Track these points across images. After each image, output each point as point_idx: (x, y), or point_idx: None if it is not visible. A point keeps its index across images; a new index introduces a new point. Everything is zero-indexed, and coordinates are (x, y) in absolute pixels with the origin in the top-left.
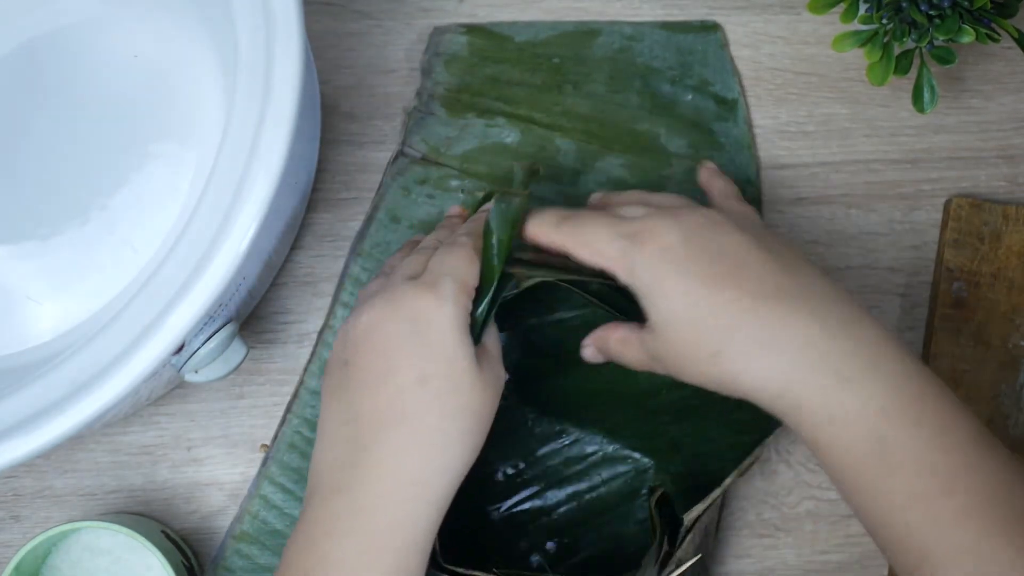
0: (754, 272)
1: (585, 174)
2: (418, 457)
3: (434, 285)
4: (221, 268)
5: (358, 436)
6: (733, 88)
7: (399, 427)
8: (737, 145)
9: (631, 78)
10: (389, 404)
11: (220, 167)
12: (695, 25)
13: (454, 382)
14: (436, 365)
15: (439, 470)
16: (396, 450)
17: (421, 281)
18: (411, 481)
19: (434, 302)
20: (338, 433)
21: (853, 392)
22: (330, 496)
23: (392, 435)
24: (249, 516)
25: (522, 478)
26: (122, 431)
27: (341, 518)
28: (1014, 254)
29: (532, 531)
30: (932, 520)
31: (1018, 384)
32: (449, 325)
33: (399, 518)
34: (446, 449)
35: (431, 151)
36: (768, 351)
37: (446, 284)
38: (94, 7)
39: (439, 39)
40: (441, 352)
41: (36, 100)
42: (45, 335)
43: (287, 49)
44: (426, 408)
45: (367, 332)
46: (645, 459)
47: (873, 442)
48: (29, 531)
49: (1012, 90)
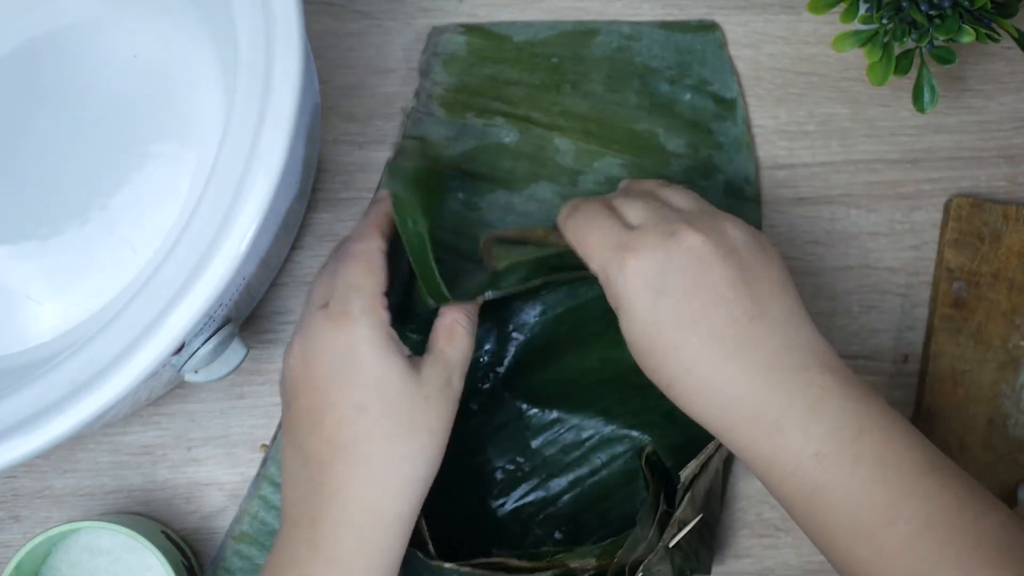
0: (722, 316)
1: (584, 174)
2: (368, 483)
3: (343, 314)
4: (221, 268)
5: (310, 472)
6: (732, 87)
7: (344, 457)
8: (736, 144)
9: (629, 78)
10: (331, 438)
11: (220, 167)
12: (693, 24)
13: (391, 403)
14: (369, 391)
15: (392, 492)
16: (346, 479)
17: (330, 311)
18: (365, 508)
19: (347, 328)
20: (296, 472)
21: (789, 440)
22: (291, 530)
23: (339, 466)
24: (248, 517)
25: (522, 472)
26: (122, 431)
27: (302, 549)
28: (1014, 254)
29: (539, 523)
30: (876, 552)
31: (1018, 384)
32: (368, 349)
33: (360, 541)
34: (397, 470)
35: (430, 151)
36: (716, 396)
37: (353, 308)
38: (94, 7)
39: (437, 39)
40: (370, 377)
41: (36, 100)
42: (45, 335)
43: (287, 49)
44: (367, 435)
45: (299, 373)
46: (642, 436)
47: (811, 485)
48: (29, 531)
49: (1012, 90)
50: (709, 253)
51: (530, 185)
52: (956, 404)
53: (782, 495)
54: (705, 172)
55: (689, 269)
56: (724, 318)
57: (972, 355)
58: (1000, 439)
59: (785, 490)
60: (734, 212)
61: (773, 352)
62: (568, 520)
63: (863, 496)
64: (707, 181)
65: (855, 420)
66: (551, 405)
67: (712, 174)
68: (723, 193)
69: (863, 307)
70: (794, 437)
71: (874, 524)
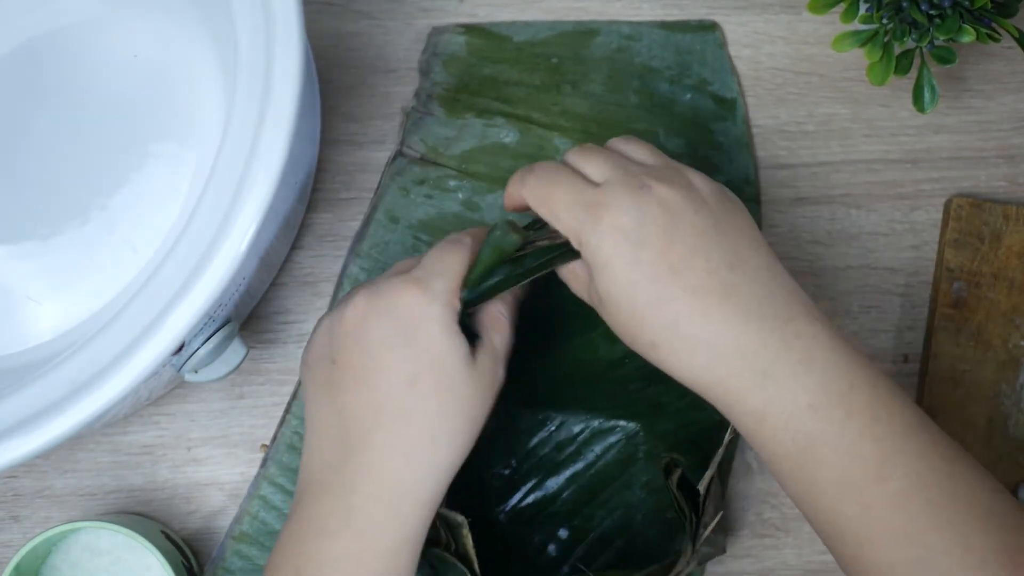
0: (701, 266)
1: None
2: (407, 458)
3: (423, 281)
4: (221, 268)
5: (347, 436)
6: (732, 87)
7: (388, 428)
8: (736, 144)
9: (629, 78)
10: (378, 404)
11: (220, 167)
12: (693, 24)
13: (443, 383)
14: (425, 366)
15: (429, 470)
16: (385, 451)
17: (410, 276)
18: (400, 481)
19: (422, 299)
20: (327, 432)
21: (781, 391)
22: (320, 496)
23: (381, 436)
24: (248, 517)
25: (519, 474)
26: (122, 431)
27: (331, 517)
28: (1014, 254)
29: (542, 523)
30: (865, 508)
31: (1018, 384)
32: (436, 323)
33: (388, 518)
34: (436, 450)
35: (430, 151)
36: (702, 349)
37: (436, 282)
38: (94, 7)
39: (437, 39)
40: (430, 353)
41: (36, 100)
42: (45, 335)
43: (287, 49)
44: (415, 409)
45: (353, 328)
46: (631, 424)
47: (801, 437)
48: (29, 531)
49: (1012, 90)
50: (681, 204)
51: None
52: (956, 404)
53: (772, 451)
54: (705, 172)
55: (664, 220)
56: (703, 268)
57: (972, 355)
58: (1000, 439)
59: (775, 445)
60: None
61: (756, 300)
62: (571, 516)
63: (854, 451)
64: None
65: (846, 373)
66: (538, 406)
67: (712, 174)
68: None
69: (863, 307)
70: (787, 387)
71: (864, 480)
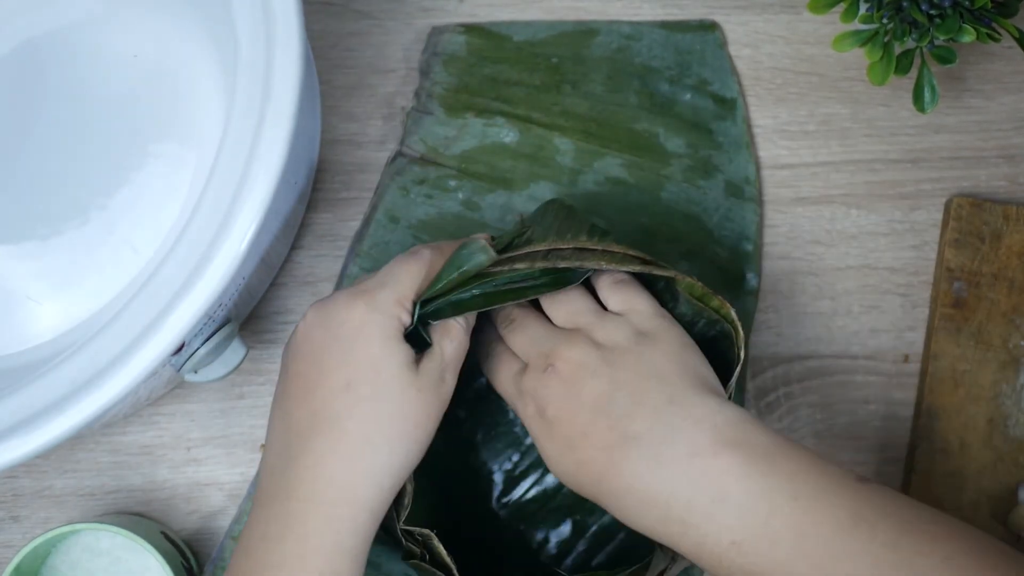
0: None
1: (583, 174)
2: (343, 462)
3: (367, 292)
4: (221, 268)
5: (290, 443)
6: (732, 87)
7: (325, 433)
8: (735, 144)
9: (629, 77)
10: (316, 411)
11: (220, 167)
12: (693, 24)
13: (379, 388)
14: (361, 371)
15: (365, 475)
16: (321, 456)
17: (358, 288)
18: (336, 485)
19: (363, 310)
20: (276, 441)
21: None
22: (266, 503)
23: (318, 441)
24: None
25: (519, 470)
26: (122, 431)
27: (272, 523)
28: (1014, 254)
29: (543, 518)
30: None
31: (1018, 384)
32: (376, 333)
33: (325, 522)
34: (374, 455)
35: (429, 151)
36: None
37: (380, 293)
38: (94, 7)
39: (437, 39)
40: (366, 359)
41: (36, 100)
42: (45, 335)
43: (287, 49)
44: (349, 414)
45: (302, 340)
46: None
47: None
48: (29, 532)
49: (1013, 90)
50: (578, 372)
51: (530, 185)
52: (956, 404)
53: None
54: (705, 172)
55: (562, 396)
56: (606, 426)
57: (972, 355)
58: (1000, 439)
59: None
60: (734, 212)
61: (659, 444)
62: (572, 510)
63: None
64: (707, 181)
65: (763, 499)
66: None
67: (712, 174)
68: (723, 193)
69: (863, 307)
70: (707, 531)
71: None
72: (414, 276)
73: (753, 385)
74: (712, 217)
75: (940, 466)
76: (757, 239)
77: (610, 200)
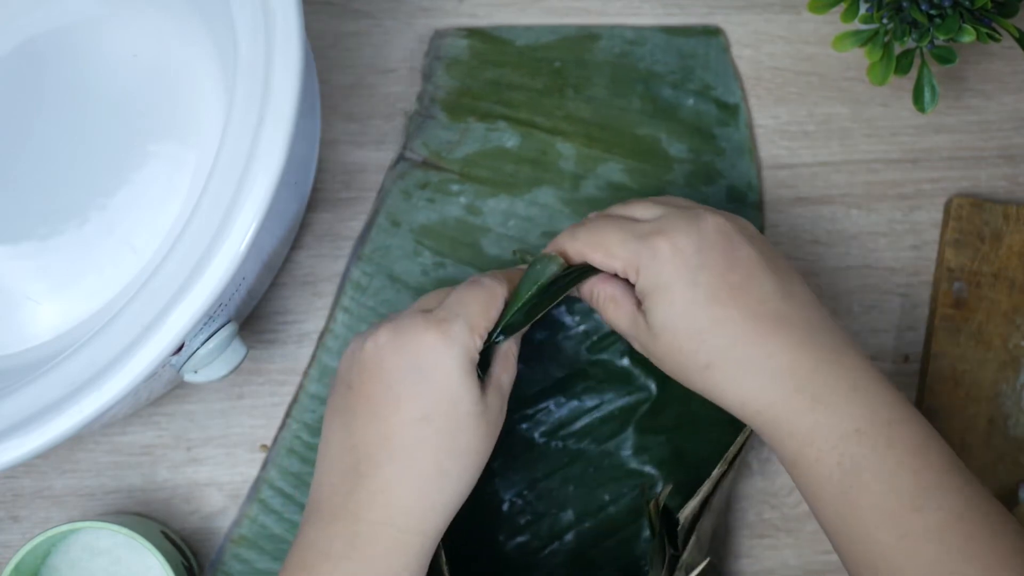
0: (756, 292)
1: (586, 178)
2: (415, 492)
3: (444, 322)
4: (221, 268)
5: (358, 464)
6: (735, 92)
7: (398, 461)
8: (738, 150)
9: (632, 82)
10: (389, 437)
11: (220, 167)
12: (697, 29)
13: (456, 423)
14: (439, 405)
15: (435, 506)
16: (394, 483)
17: (432, 316)
18: (407, 512)
19: (441, 340)
20: (339, 458)
21: (830, 415)
22: (328, 521)
23: (391, 468)
24: (248, 520)
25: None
26: (122, 431)
27: (336, 541)
28: (1015, 254)
29: (544, 558)
30: (901, 536)
31: (1018, 384)
32: (454, 366)
33: (393, 547)
34: (444, 487)
35: (432, 155)
36: (756, 373)
37: (456, 324)
38: (94, 7)
39: (440, 43)
40: (445, 393)
41: (36, 100)
42: (45, 335)
43: (287, 49)
44: (426, 446)
45: (372, 359)
46: (650, 470)
47: (846, 461)
48: (28, 531)
49: (1013, 89)
50: (736, 233)
51: (532, 190)
52: (956, 404)
53: (814, 475)
54: (707, 177)
55: (722, 245)
56: (759, 294)
57: (972, 355)
58: (1000, 439)
59: (819, 468)
60: None
61: (808, 330)
62: (574, 556)
63: (894, 481)
64: (709, 186)
65: (890, 407)
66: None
67: (714, 179)
68: (725, 199)
69: (863, 307)
70: (836, 412)
71: (901, 509)
72: (483, 304)
73: None
74: None
75: None
76: None
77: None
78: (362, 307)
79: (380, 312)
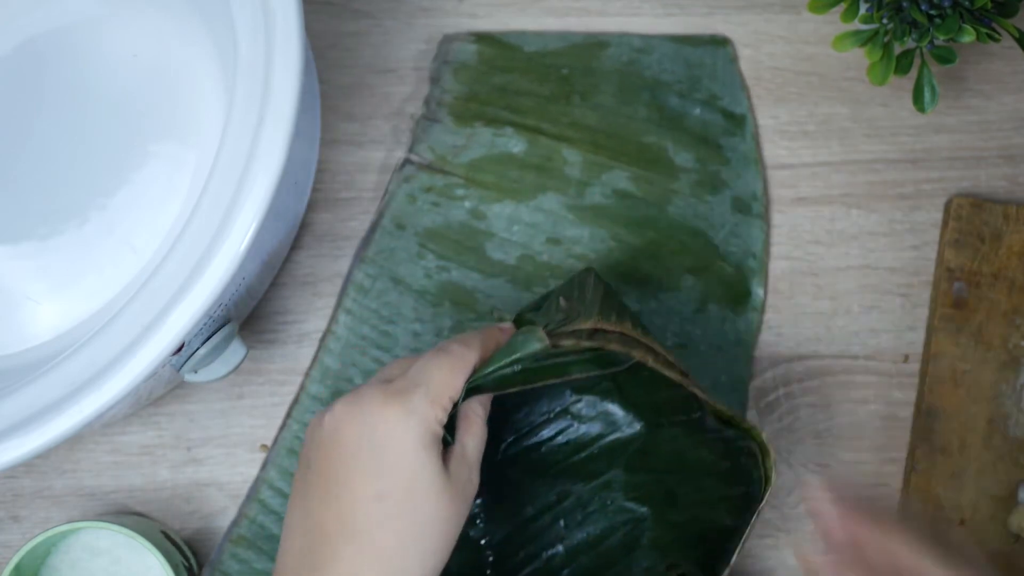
0: None
1: (591, 185)
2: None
3: (402, 393)
4: (221, 268)
5: (312, 547)
6: (741, 103)
7: (357, 543)
8: (744, 160)
9: (639, 90)
10: (343, 518)
11: (220, 167)
12: (704, 39)
13: (415, 499)
14: (396, 481)
15: None
16: (353, 566)
17: (391, 387)
18: None
19: (397, 413)
20: (297, 539)
21: None
22: None
23: (349, 550)
24: (247, 520)
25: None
26: (122, 431)
27: None
28: (1015, 254)
29: None
30: None
31: (1018, 384)
32: (410, 439)
33: None
34: (408, 566)
35: (437, 159)
36: None
37: (416, 395)
38: (94, 7)
39: (448, 47)
40: (402, 469)
41: (36, 100)
42: (45, 335)
43: (287, 49)
44: (381, 527)
45: (329, 436)
46: (642, 508)
47: None
48: (28, 531)
49: (1013, 90)
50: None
51: (537, 196)
52: (956, 404)
53: None
54: (713, 187)
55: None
56: None
57: (972, 355)
58: (1000, 439)
59: None
60: (741, 228)
61: None
62: None
63: None
64: (715, 196)
65: None
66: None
67: (720, 189)
68: (730, 209)
69: (863, 307)
70: None
71: None
72: (447, 373)
73: (753, 385)
74: (719, 232)
75: (940, 466)
76: (763, 256)
77: (617, 213)
78: (364, 309)
79: (382, 314)
